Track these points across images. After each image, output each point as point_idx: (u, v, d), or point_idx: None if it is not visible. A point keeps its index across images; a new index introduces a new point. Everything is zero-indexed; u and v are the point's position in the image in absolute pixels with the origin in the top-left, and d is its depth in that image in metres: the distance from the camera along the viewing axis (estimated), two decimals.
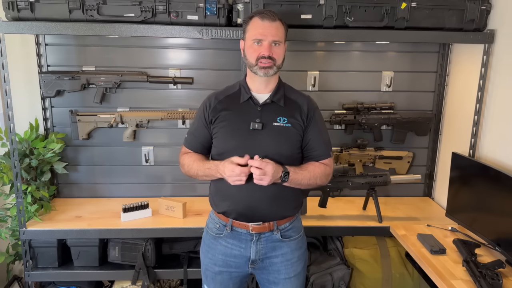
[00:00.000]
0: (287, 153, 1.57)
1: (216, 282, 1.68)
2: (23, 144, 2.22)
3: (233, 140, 1.56)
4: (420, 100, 2.53)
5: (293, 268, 1.64)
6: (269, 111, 1.58)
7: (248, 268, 1.63)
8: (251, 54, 1.55)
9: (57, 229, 2.12)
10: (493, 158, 2.07)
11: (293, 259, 1.64)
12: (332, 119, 2.45)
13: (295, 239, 1.66)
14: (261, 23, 1.53)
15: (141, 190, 2.52)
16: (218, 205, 1.65)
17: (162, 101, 2.44)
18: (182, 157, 1.69)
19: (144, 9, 1.92)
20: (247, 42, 1.58)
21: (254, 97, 1.60)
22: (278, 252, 1.62)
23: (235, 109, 1.59)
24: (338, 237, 2.46)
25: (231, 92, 1.65)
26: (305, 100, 1.63)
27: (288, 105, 1.60)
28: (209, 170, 1.58)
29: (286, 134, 1.56)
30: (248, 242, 1.60)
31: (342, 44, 2.44)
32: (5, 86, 1.96)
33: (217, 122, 1.60)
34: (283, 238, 1.62)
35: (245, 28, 1.60)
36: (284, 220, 1.63)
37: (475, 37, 2.06)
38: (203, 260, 1.72)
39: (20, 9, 1.89)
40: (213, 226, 1.67)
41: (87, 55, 2.36)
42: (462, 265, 1.73)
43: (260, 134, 1.55)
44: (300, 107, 1.61)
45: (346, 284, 2.34)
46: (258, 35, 1.53)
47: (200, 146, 1.67)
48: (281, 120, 1.57)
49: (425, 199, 2.63)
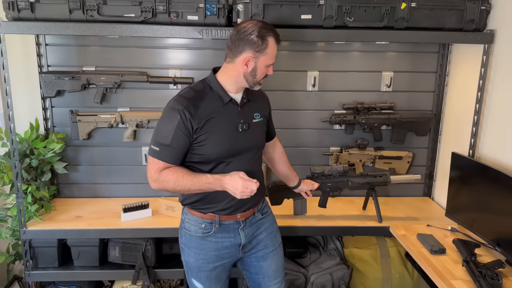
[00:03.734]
0: (263, 143, 1.77)
1: (211, 279, 1.69)
2: (23, 144, 2.22)
3: (224, 144, 1.57)
4: (420, 100, 2.53)
5: (276, 239, 1.79)
6: (247, 110, 1.65)
7: (239, 254, 1.70)
8: (262, 73, 1.59)
9: (57, 229, 2.13)
10: (493, 158, 2.07)
11: (274, 230, 1.80)
12: (332, 119, 2.45)
13: (270, 213, 1.81)
14: (275, 47, 1.57)
15: (141, 190, 2.52)
16: (206, 207, 1.64)
17: (162, 101, 2.39)
18: (163, 173, 1.54)
19: (144, 9, 1.92)
20: (262, 62, 1.55)
21: (233, 99, 1.61)
22: (262, 228, 1.74)
23: (219, 113, 1.57)
24: (338, 237, 2.46)
25: (205, 96, 1.57)
26: (263, 92, 1.77)
27: (257, 100, 1.71)
28: (208, 184, 1.54)
29: (262, 128, 1.72)
30: (236, 230, 1.67)
31: (342, 44, 2.44)
32: (5, 86, 1.96)
33: (204, 129, 1.54)
34: (262, 215, 1.76)
35: (262, 49, 1.53)
36: (258, 204, 1.75)
37: (475, 37, 2.06)
38: (194, 264, 1.67)
39: (20, 9, 1.89)
40: (197, 228, 1.65)
41: (87, 55, 2.36)
42: (462, 265, 1.73)
43: (246, 133, 1.62)
44: (265, 99, 1.77)
45: (346, 284, 2.34)
46: (273, 59, 1.59)
47: (180, 157, 1.57)
48: (257, 116, 1.68)
49: (425, 199, 2.63)
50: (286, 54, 2.43)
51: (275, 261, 1.77)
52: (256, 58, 1.54)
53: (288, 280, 2.27)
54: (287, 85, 2.46)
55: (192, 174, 1.57)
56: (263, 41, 1.52)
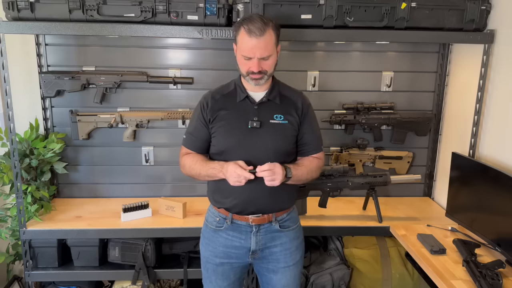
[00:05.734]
0: (283, 149, 1.64)
1: (217, 274, 1.71)
2: (23, 144, 2.22)
3: (232, 138, 1.60)
4: (420, 100, 2.53)
5: (292, 257, 1.71)
6: (266, 109, 1.63)
7: (248, 258, 1.68)
8: (242, 66, 1.58)
9: (57, 229, 2.12)
10: (493, 158, 2.07)
11: (292, 248, 1.71)
12: (332, 119, 2.45)
13: (293, 229, 1.72)
14: (249, 39, 1.51)
15: (141, 190, 2.52)
16: (218, 201, 1.69)
17: (162, 101, 2.44)
18: (183, 158, 1.70)
19: (144, 9, 1.92)
20: (237, 53, 1.59)
21: (250, 96, 1.63)
22: (277, 242, 1.68)
23: (233, 108, 1.63)
24: (338, 237, 2.46)
25: (227, 91, 1.67)
26: (299, 97, 1.69)
27: (283, 102, 1.65)
28: (213, 170, 1.60)
29: (283, 131, 1.62)
30: (248, 234, 1.65)
31: (342, 44, 2.44)
32: (5, 86, 1.96)
33: (216, 121, 1.62)
34: (281, 228, 1.68)
35: (235, 34, 1.58)
36: (281, 212, 1.69)
37: (475, 37, 2.06)
38: (203, 253, 1.74)
39: (20, 9, 1.88)
40: (212, 220, 1.71)
41: (87, 55, 2.36)
42: (462, 265, 1.73)
43: (258, 132, 1.60)
44: (295, 104, 1.66)
45: (346, 284, 2.34)
46: (246, 52, 1.53)
47: (200, 145, 1.69)
48: (278, 117, 1.62)
49: (425, 199, 2.62)
50: (286, 54, 2.43)
51: (286, 277, 1.71)
52: (236, 47, 1.59)
53: None
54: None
55: (205, 160, 1.65)
56: (236, 30, 1.56)
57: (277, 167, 1.53)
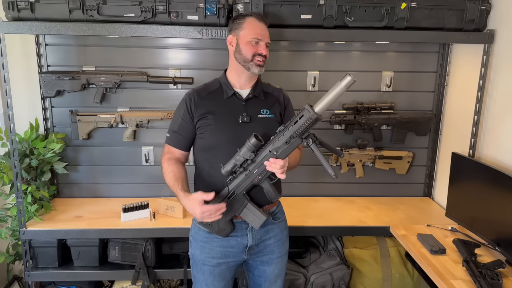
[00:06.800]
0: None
1: (214, 275, 1.70)
2: (23, 144, 2.22)
3: (222, 134, 1.63)
4: (420, 100, 2.53)
5: (283, 246, 1.78)
6: (253, 105, 1.68)
7: (244, 255, 1.70)
8: (249, 50, 1.63)
9: (57, 229, 2.12)
10: (493, 158, 2.07)
11: (283, 238, 1.78)
12: (332, 119, 2.45)
13: (282, 220, 1.79)
14: (258, 24, 1.65)
15: (141, 190, 2.52)
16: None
17: (162, 101, 2.44)
18: (163, 159, 1.71)
19: (144, 9, 1.92)
20: (244, 38, 1.64)
21: (237, 93, 1.68)
22: (271, 234, 1.73)
23: (221, 105, 1.67)
24: (338, 237, 2.46)
25: (213, 89, 1.70)
26: (281, 93, 1.78)
27: (267, 98, 1.73)
28: (177, 193, 1.64)
29: (270, 124, 1.68)
30: (244, 230, 1.67)
31: (342, 44, 2.44)
32: (5, 86, 1.96)
33: (204, 118, 1.65)
34: (274, 220, 1.74)
35: (238, 25, 1.65)
36: (272, 204, 1.73)
37: (475, 37, 2.06)
38: (198, 257, 1.71)
39: (20, 9, 1.88)
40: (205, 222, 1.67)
41: (87, 55, 2.36)
42: (462, 265, 1.73)
43: (248, 127, 1.64)
44: (278, 99, 1.75)
45: (346, 284, 2.34)
46: (258, 35, 1.63)
47: (185, 143, 1.70)
48: (265, 112, 1.69)
49: (425, 199, 2.63)
50: (286, 54, 2.43)
51: (279, 267, 1.77)
52: (236, 35, 1.65)
53: (288, 280, 2.27)
54: (287, 85, 2.43)
55: (176, 176, 1.65)
56: (240, 18, 1.66)
57: (284, 161, 1.55)
